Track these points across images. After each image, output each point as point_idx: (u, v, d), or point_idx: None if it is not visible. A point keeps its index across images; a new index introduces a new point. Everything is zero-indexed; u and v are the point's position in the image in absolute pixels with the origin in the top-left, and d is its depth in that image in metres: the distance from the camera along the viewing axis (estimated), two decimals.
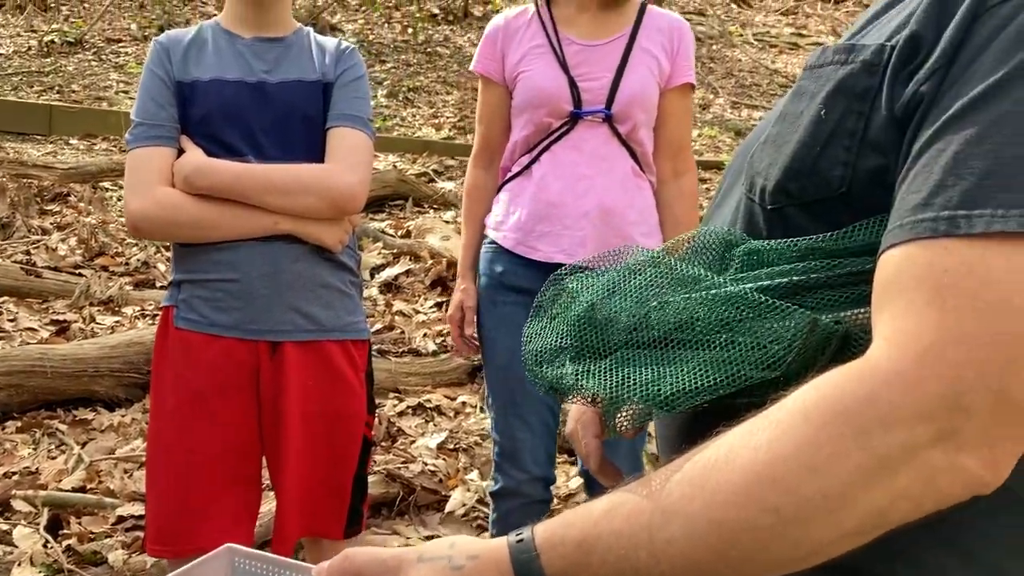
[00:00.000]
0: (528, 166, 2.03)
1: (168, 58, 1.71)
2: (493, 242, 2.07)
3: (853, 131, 0.71)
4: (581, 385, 0.86)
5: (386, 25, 9.59)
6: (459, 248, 2.28)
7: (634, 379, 0.82)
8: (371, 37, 9.18)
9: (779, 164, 0.76)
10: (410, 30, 9.32)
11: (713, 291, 0.79)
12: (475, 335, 2.12)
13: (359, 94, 1.76)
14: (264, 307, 1.67)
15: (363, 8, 9.60)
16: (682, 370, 0.79)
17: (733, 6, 12.67)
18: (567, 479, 2.81)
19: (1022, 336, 0.56)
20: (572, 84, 1.96)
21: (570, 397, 0.89)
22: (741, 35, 11.26)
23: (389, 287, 3.98)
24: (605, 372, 0.85)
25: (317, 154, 1.71)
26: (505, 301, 2.03)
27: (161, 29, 8.61)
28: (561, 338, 0.91)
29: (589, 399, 0.87)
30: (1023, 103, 0.59)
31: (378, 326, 3.70)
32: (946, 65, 0.64)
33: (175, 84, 1.70)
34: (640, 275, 0.88)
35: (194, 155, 1.66)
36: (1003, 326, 0.57)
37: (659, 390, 0.79)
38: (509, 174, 2.08)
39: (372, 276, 4.06)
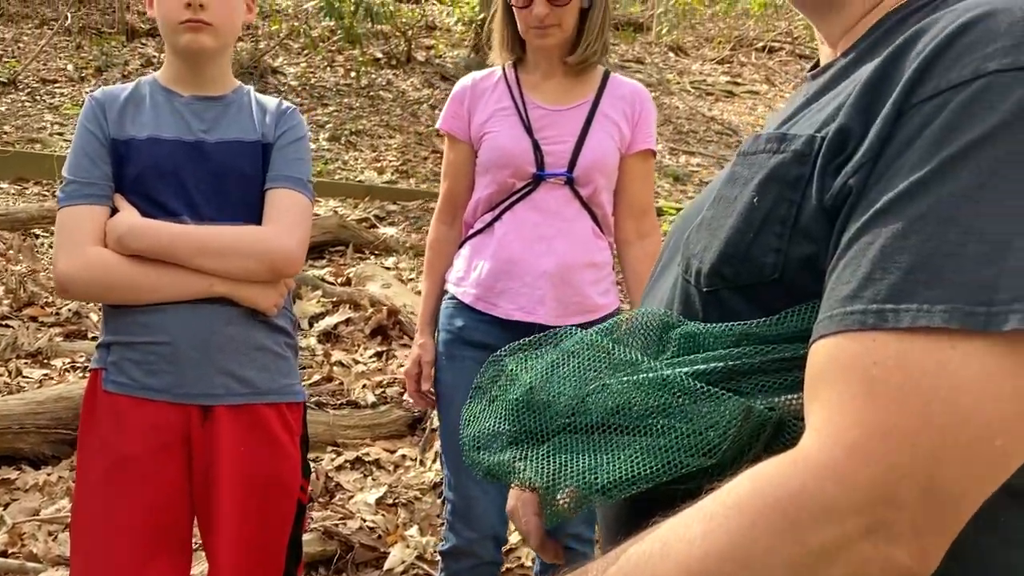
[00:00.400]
0: (490, 223, 2.06)
1: (103, 115, 1.68)
2: (454, 297, 2.09)
3: (785, 218, 0.73)
4: (518, 472, 0.85)
5: (328, 68, 9.59)
6: (400, 296, 2.29)
7: (571, 467, 0.82)
8: (313, 80, 9.16)
9: (714, 248, 0.78)
10: (353, 74, 9.33)
11: (649, 375, 0.80)
12: (432, 390, 2.13)
13: (299, 155, 1.75)
14: (196, 371, 1.63)
15: (305, 52, 9.59)
16: (619, 457, 0.79)
17: (671, 55, 12.96)
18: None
19: (948, 429, 0.57)
20: (536, 147, 2.01)
21: (508, 483, 0.89)
22: (679, 83, 11.50)
23: (328, 337, 3.93)
24: (542, 459, 0.85)
25: (255, 215, 1.69)
26: (464, 356, 2.05)
27: (99, 70, 8.49)
28: (499, 422, 0.90)
29: (527, 486, 0.86)
30: (943, 200, 0.60)
31: (316, 377, 3.65)
32: (873, 159, 0.66)
33: (110, 142, 1.67)
34: (578, 358, 0.88)
35: (128, 215, 1.63)
36: (930, 420, 0.57)
37: (596, 479, 0.79)
38: (471, 230, 2.11)
39: (311, 325, 4.00)
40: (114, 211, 1.65)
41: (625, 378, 0.81)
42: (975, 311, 0.57)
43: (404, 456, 3.28)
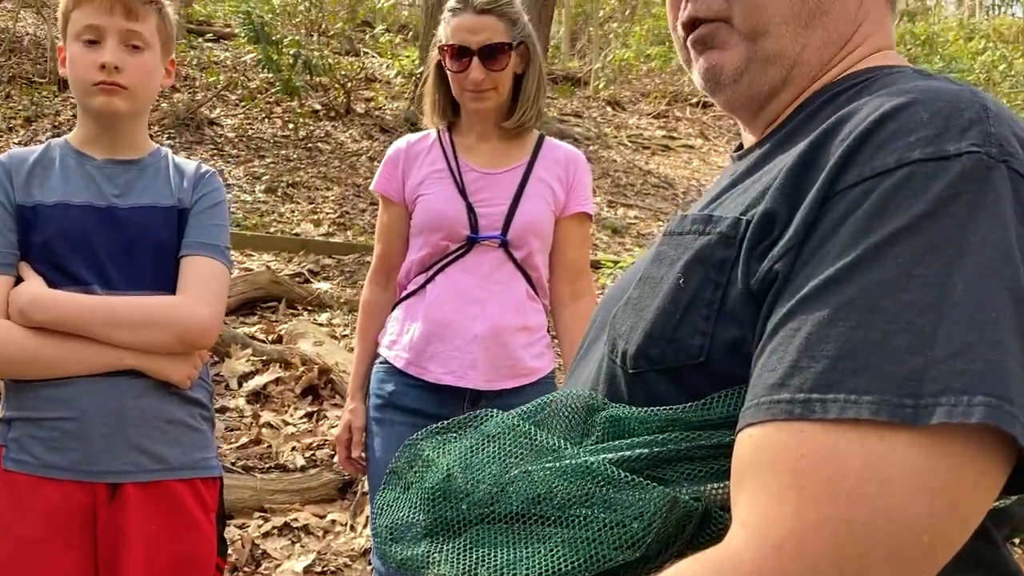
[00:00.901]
0: (423, 285, 2.04)
1: (9, 180, 1.60)
2: (385, 361, 2.06)
3: (711, 301, 0.72)
4: (434, 567, 0.81)
5: (266, 120, 9.52)
6: (333, 354, 2.24)
7: (490, 562, 0.78)
8: (250, 132, 9.08)
9: (640, 329, 0.77)
10: (291, 125, 9.27)
11: (572, 462, 0.77)
12: (363, 456, 2.08)
13: (216, 221, 1.69)
14: (103, 447, 1.54)
15: (243, 103, 9.52)
16: (539, 551, 0.76)
17: (608, 109, 13.19)
18: None
19: (876, 526, 0.56)
20: (470, 209, 2.00)
21: None
22: (616, 137, 11.69)
23: (257, 397, 3.81)
24: (459, 552, 0.80)
25: (169, 284, 1.62)
26: (394, 420, 2.01)
27: (28, 120, 8.30)
28: (414, 511, 0.85)
29: None
30: (869, 289, 0.60)
31: (244, 440, 3.53)
32: (798, 245, 0.66)
33: (15, 207, 1.59)
34: (499, 442, 0.84)
35: (33, 285, 1.54)
36: (857, 516, 0.56)
37: (516, 575, 0.75)
38: (404, 292, 2.09)
39: (240, 385, 3.88)
40: (19, 280, 1.57)
41: (548, 465, 0.78)
42: (902, 403, 0.56)
43: (334, 521, 3.17)
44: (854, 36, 0.84)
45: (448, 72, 2.00)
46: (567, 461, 0.77)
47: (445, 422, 0.91)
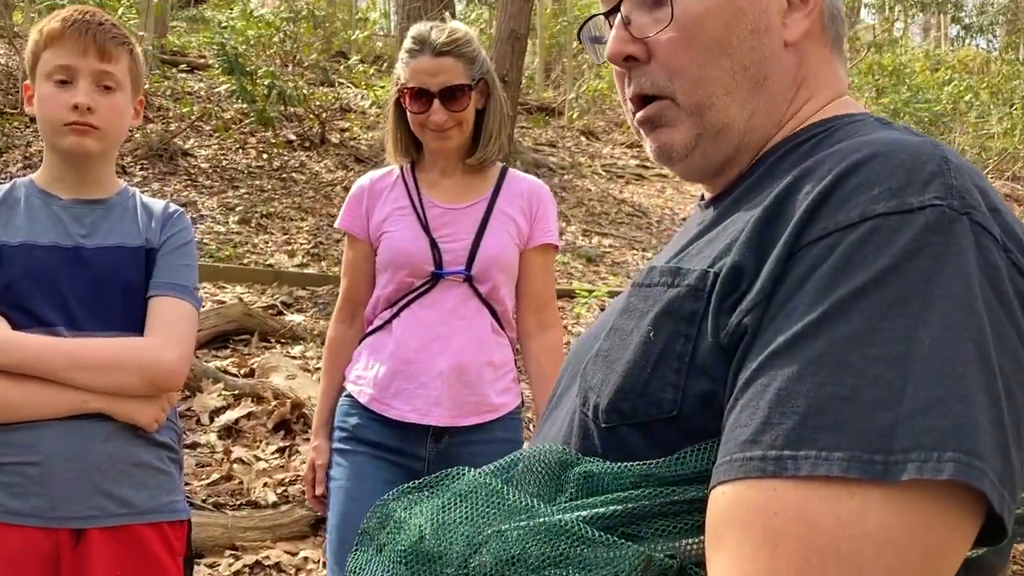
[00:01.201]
0: (389, 321, 2.05)
1: None
2: (350, 395, 2.06)
3: (681, 354, 0.72)
4: None
5: (240, 150, 9.49)
6: (305, 388, 2.24)
7: None
8: (224, 162, 9.04)
9: (611, 382, 0.77)
10: (265, 156, 9.25)
11: (546, 521, 0.76)
12: (327, 492, 2.07)
13: (185, 261, 1.68)
14: (68, 492, 1.51)
15: (217, 134, 9.48)
16: None
17: (582, 139, 13.28)
18: None
19: None
20: (434, 245, 2.01)
21: None
22: (590, 166, 11.76)
23: (229, 432, 3.77)
24: None
25: (137, 325, 1.61)
26: (356, 452, 2.01)
27: None
28: (387, 574, 0.84)
29: None
30: (837, 343, 0.60)
31: (215, 476, 3.48)
32: (766, 299, 0.66)
33: None
34: (470, 502, 0.83)
35: None
36: (830, 572, 0.56)
37: None
38: (371, 327, 2.09)
39: (211, 420, 3.83)
40: None
41: (521, 524, 0.77)
42: (873, 459, 0.57)
43: (306, 559, 3.13)
44: (800, 91, 0.85)
45: (408, 113, 2.01)
46: (540, 520, 0.76)
47: (416, 481, 0.90)
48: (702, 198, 0.96)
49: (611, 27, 0.88)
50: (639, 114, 0.87)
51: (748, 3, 0.82)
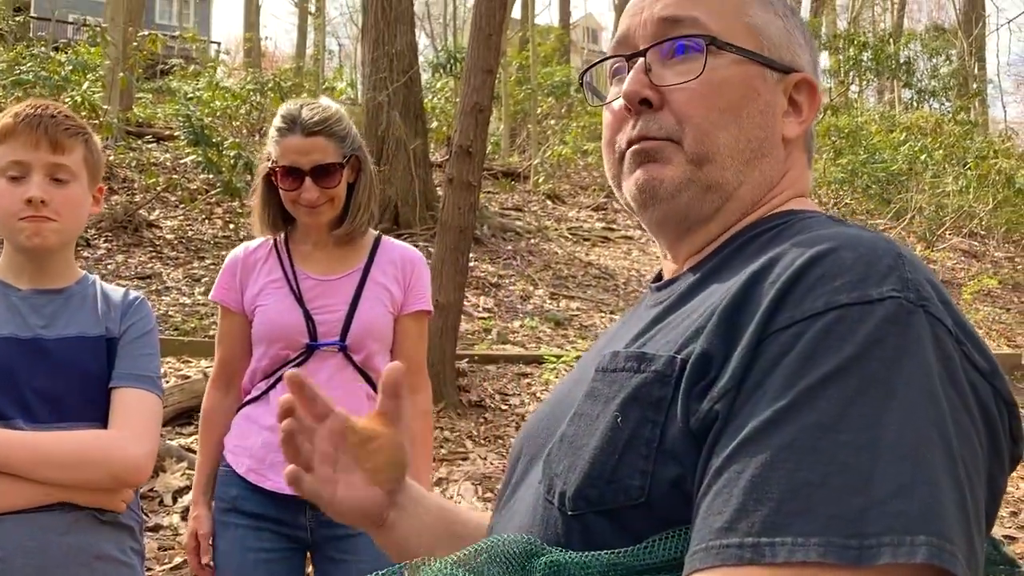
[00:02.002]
0: (265, 392, 2.06)
1: None
2: (229, 465, 2.06)
3: (650, 439, 0.73)
4: None
5: (207, 221, 9.49)
6: None
7: None
8: (190, 233, 9.03)
9: (578, 469, 0.76)
10: (232, 225, 9.25)
11: None
12: (212, 562, 2.06)
13: (147, 350, 1.67)
14: None
15: (182, 204, 9.48)
16: None
17: (548, 202, 13.42)
18: None
19: None
20: (308, 317, 2.04)
21: None
22: (556, 229, 11.86)
23: None
24: None
25: (97, 416, 1.59)
26: (238, 524, 2.02)
27: None
28: None
29: None
30: (806, 430, 0.62)
31: (177, 560, 3.40)
32: (736, 386, 0.68)
33: None
34: None
35: None
36: None
37: None
38: (248, 397, 2.10)
39: (174, 501, 3.76)
40: None
41: None
42: (848, 544, 0.58)
43: None
44: (782, 181, 0.91)
45: (280, 190, 2.03)
46: None
47: (379, 573, 0.89)
48: (655, 279, 0.98)
49: (626, 71, 0.91)
50: (638, 144, 0.89)
51: (763, 89, 0.89)
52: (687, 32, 0.88)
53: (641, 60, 0.89)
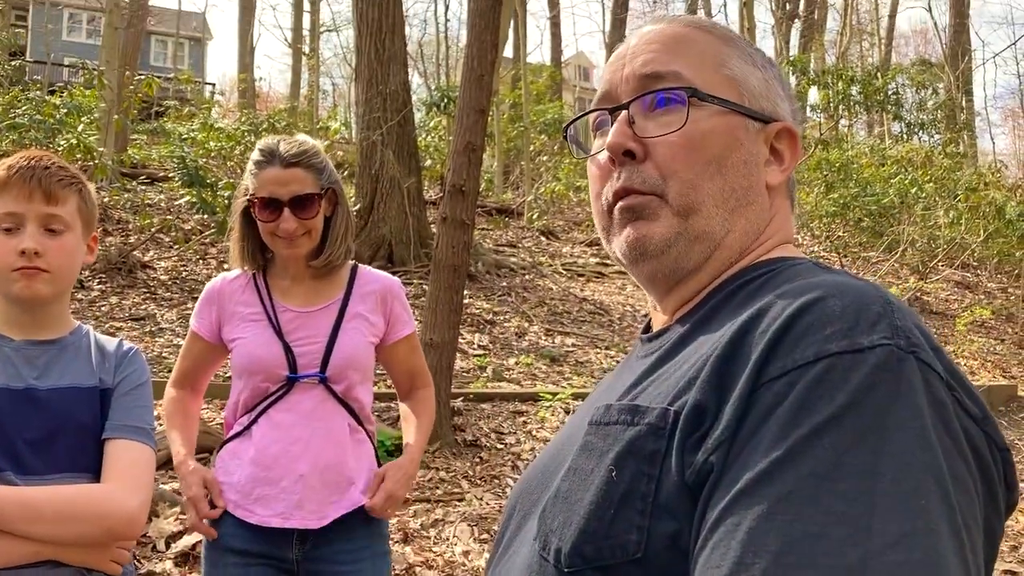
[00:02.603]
0: (248, 427, 2.07)
1: None
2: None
3: (645, 494, 0.72)
4: None
5: (201, 261, 9.50)
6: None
7: None
8: (184, 273, 9.03)
9: (573, 525, 0.76)
10: (226, 265, 9.24)
11: None
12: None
13: (141, 402, 1.66)
14: None
15: (177, 245, 9.49)
16: None
17: (542, 238, 13.46)
18: None
19: None
20: (288, 350, 2.05)
21: None
22: (551, 265, 11.89)
23: (186, 558, 3.65)
24: None
25: (90, 467, 1.57)
26: (227, 563, 2.02)
27: None
28: None
29: None
30: (802, 480, 0.62)
31: None
32: (731, 437, 0.68)
33: None
34: None
35: None
36: None
37: None
38: (231, 432, 2.11)
39: (167, 546, 3.72)
40: None
41: None
42: None
43: None
44: (767, 229, 0.92)
45: (259, 221, 2.05)
46: None
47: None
48: (645, 330, 0.98)
49: (610, 123, 0.92)
50: (624, 201, 0.89)
51: (745, 138, 0.90)
52: (669, 85, 0.89)
53: (624, 112, 0.90)
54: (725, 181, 0.88)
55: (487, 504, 4.71)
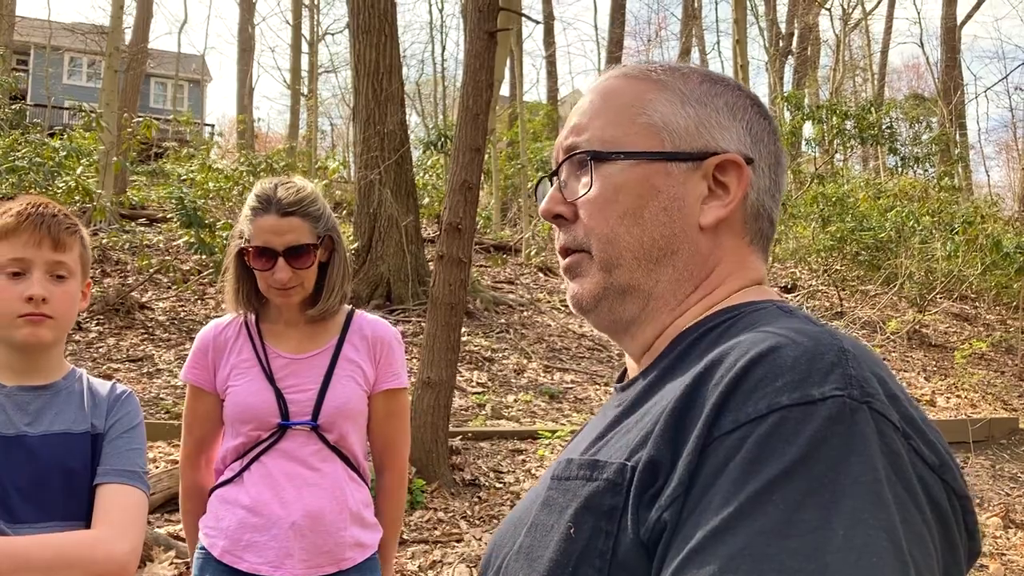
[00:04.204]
0: (240, 473, 2.04)
1: None
2: (203, 547, 2.04)
3: (603, 551, 0.72)
4: None
5: (199, 302, 9.50)
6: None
7: None
8: (182, 314, 9.03)
9: None
10: (223, 305, 9.24)
11: None
12: None
13: (133, 445, 1.65)
14: None
15: (175, 286, 9.50)
16: None
17: (540, 275, 13.48)
18: None
19: None
20: (279, 397, 2.02)
21: None
22: (549, 301, 11.88)
23: None
24: None
25: (81, 514, 1.56)
26: None
27: None
28: None
29: None
30: (754, 538, 0.62)
31: None
32: (684, 493, 0.68)
33: None
34: None
35: None
36: None
37: None
38: (221, 478, 2.07)
39: None
40: None
41: None
42: None
43: None
44: (711, 276, 0.90)
45: (254, 269, 2.02)
46: None
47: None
48: (619, 379, 0.98)
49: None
50: (564, 260, 0.93)
51: (664, 184, 0.89)
52: (578, 150, 0.92)
53: (556, 179, 0.95)
54: (644, 231, 0.88)
55: (486, 545, 4.66)
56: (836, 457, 0.63)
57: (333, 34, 36.84)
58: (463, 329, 6.20)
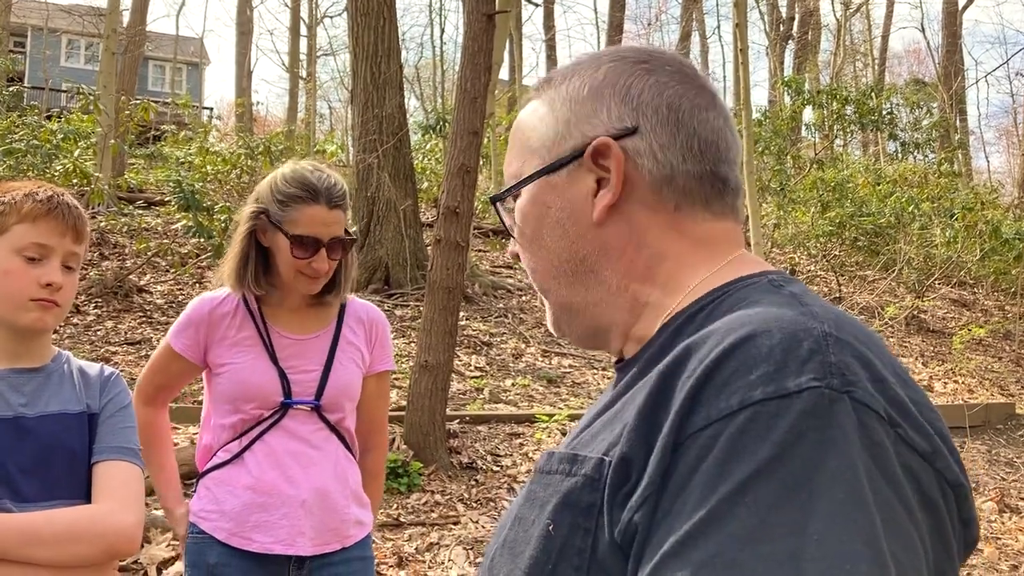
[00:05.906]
0: (239, 454, 2.02)
1: None
2: (202, 532, 2.01)
3: (581, 549, 0.70)
4: None
5: (197, 285, 9.49)
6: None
7: None
8: (180, 297, 9.02)
9: None
10: (215, 281, 9.24)
11: None
12: None
13: (127, 423, 1.68)
14: None
15: (173, 269, 9.49)
16: None
17: None
18: None
19: None
20: (283, 376, 2.03)
21: None
22: None
23: None
24: None
25: (82, 493, 1.58)
26: None
27: None
28: None
29: None
30: (726, 543, 0.60)
31: None
32: (656, 493, 0.65)
33: None
34: None
35: None
36: None
37: None
38: (217, 460, 2.05)
39: (159, 572, 3.69)
40: None
41: None
42: None
43: None
44: (650, 258, 0.84)
45: (292, 258, 1.97)
46: None
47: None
48: (618, 361, 0.95)
49: None
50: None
51: (552, 198, 0.87)
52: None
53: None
54: (549, 253, 0.89)
55: (483, 527, 4.68)
56: (812, 455, 0.60)
57: (332, 17, 36.68)
58: (461, 313, 6.20)
